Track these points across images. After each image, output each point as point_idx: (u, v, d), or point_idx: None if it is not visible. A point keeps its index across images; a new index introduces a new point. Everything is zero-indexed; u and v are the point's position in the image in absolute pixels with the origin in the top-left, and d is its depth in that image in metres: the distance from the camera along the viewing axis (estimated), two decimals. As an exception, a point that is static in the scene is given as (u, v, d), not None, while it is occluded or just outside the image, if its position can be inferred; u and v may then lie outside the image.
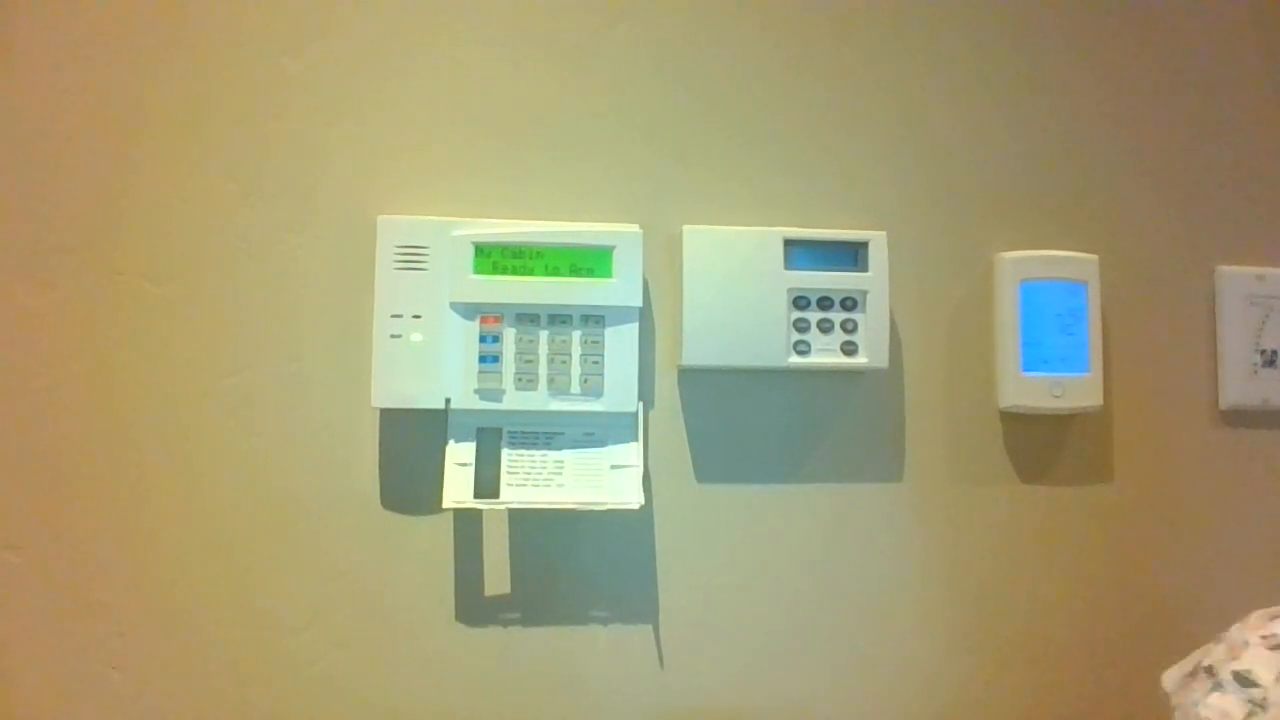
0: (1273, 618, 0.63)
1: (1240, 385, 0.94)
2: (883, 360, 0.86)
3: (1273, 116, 0.97)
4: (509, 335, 0.81)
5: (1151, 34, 0.96)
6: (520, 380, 0.81)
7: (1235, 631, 0.65)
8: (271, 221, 0.83)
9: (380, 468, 0.83)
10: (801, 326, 0.85)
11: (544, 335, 0.82)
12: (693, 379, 0.87)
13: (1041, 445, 0.91)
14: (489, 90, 0.86)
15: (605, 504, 0.80)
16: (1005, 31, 0.93)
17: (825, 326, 0.85)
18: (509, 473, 0.81)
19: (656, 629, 0.85)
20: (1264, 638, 0.62)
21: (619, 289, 0.82)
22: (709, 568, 0.86)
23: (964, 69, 0.92)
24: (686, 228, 0.85)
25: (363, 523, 0.82)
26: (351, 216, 0.83)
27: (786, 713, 0.87)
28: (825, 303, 0.85)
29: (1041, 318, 0.89)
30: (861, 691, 0.87)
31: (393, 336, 0.80)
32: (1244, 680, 0.58)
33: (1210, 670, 0.62)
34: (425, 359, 0.80)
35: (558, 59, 0.87)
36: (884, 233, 0.86)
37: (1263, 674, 0.58)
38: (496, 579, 0.84)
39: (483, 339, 0.81)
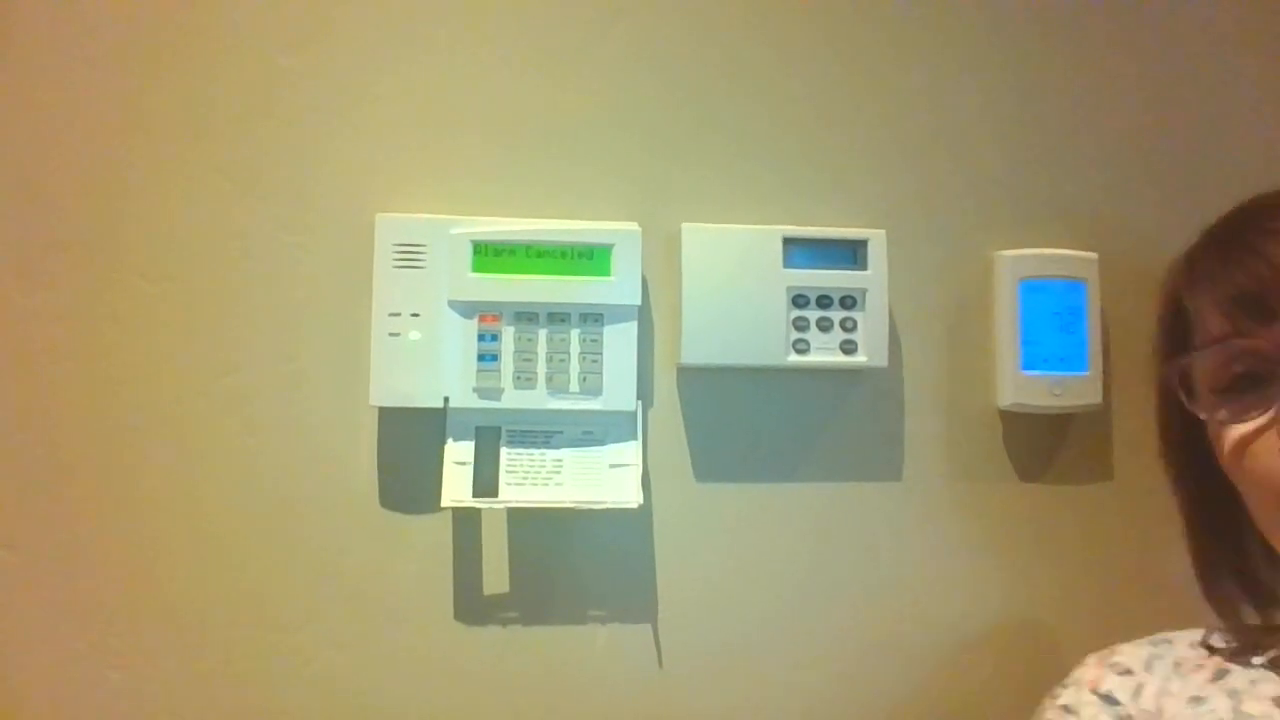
0: (1112, 652, 0.69)
1: (1240, 384, 0.93)
2: (882, 359, 0.85)
3: (1273, 116, 0.97)
4: (507, 334, 0.81)
5: (1151, 32, 0.95)
6: (519, 379, 0.81)
7: (1079, 673, 0.69)
8: (269, 220, 0.83)
9: (378, 466, 0.83)
10: (800, 325, 0.85)
11: (542, 334, 0.81)
12: (692, 377, 0.87)
13: (1041, 444, 0.91)
14: (487, 88, 0.86)
15: (604, 503, 0.80)
16: (1004, 30, 0.93)
17: (824, 325, 0.85)
18: (508, 471, 0.81)
19: (655, 628, 0.85)
20: (1110, 665, 0.67)
21: (618, 287, 0.82)
22: (708, 567, 0.86)
23: (963, 69, 0.92)
24: (685, 226, 0.85)
25: (361, 522, 0.82)
26: (349, 215, 0.83)
27: (785, 712, 0.86)
28: (824, 301, 0.85)
29: (1041, 316, 0.89)
30: (861, 690, 0.87)
31: (391, 335, 0.80)
32: (1109, 699, 0.65)
33: (1068, 709, 0.67)
34: (424, 357, 0.80)
35: (556, 57, 0.87)
36: (883, 231, 0.86)
37: (1121, 695, 0.65)
38: (495, 578, 0.84)
39: (481, 337, 0.81)
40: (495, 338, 0.81)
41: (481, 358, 0.81)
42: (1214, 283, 0.60)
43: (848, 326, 0.85)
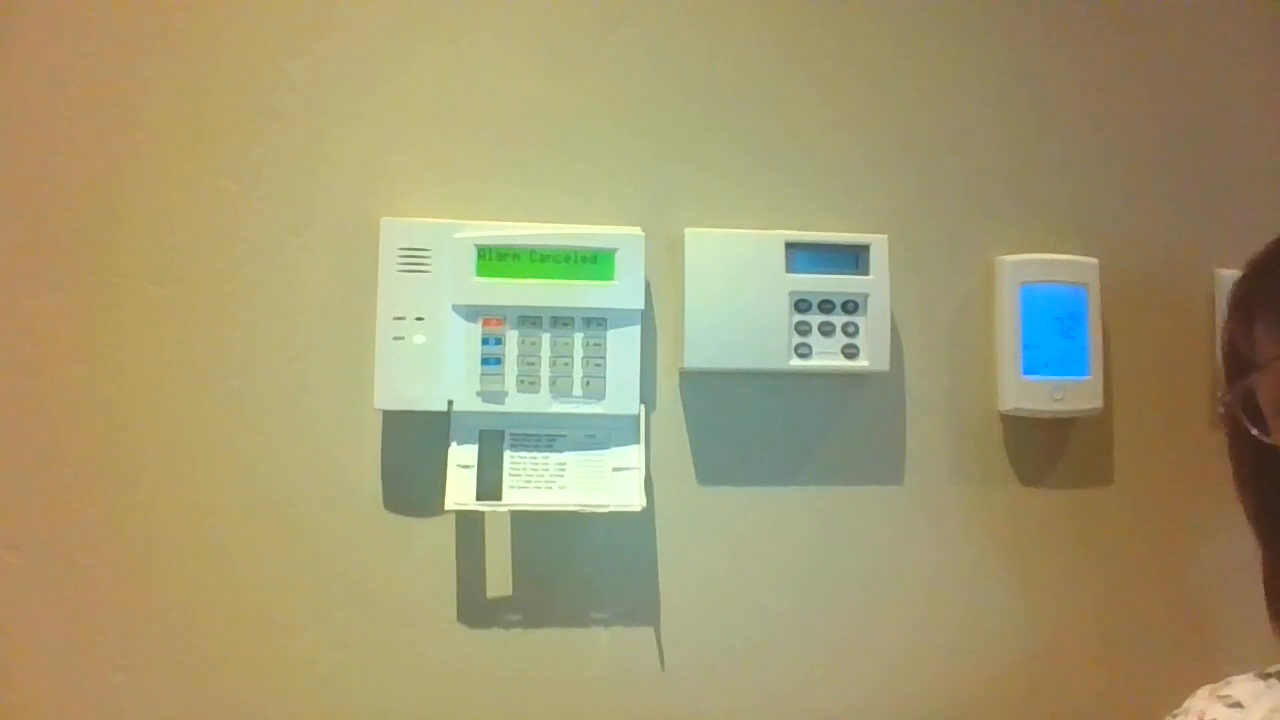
0: (1225, 684, 0.68)
1: (1239, 389, 0.94)
2: (884, 363, 0.86)
3: (1272, 118, 0.97)
4: (511, 337, 0.81)
5: (1151, 37, 0.96)
6: (522, 382, 0.81)
7: (1190, 703, 0.69)
8: (274, 223, 0.83)
9: (382, 470, 0.83)
10: (803, 329, 0.85)
11: (546, 338, 0.82)
12: (694, 381, 0.87)
13: (1042, 448, 0.92)
14: (492, 93, 0.86)
15: (607, 506, 0.80)
16: (1005, 37, 0.93)
17: (826, 329, 0.85)
18: (511, 475, 0.81)
19: (658, 631, 0.85)
20: (1220, 697, 0.67)
21: (621, 292, 0.82)
22: (710, 570, 0.86)
23: (964, 74, 0.92)
24: (688, 230, 0.85)
25: (365, 524, 0.82)
26: (354, 218, 0.83)
27: (787, 714, 0.87)
28: (826, 306, 0.85)
29: (1042, 321, 0.89)
30: (862, 694, 0.88)
31: (395, 338, 0.80)
32: None
33: None
34: (428, 361, 0.80)
35: (560, 62, 0.87)
36: (885, 236, 0.87)
37: None
38: (498, 581, 0.84)
39: (485, 341, 0.81)
40: (499, 341, 0.81)
41: (485, 361, 0.81)
42: (1265, 309, 0.61)
43: (850, 331, 0.86)
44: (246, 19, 0.83)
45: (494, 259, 0.81)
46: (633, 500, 0.81)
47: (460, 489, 0.80)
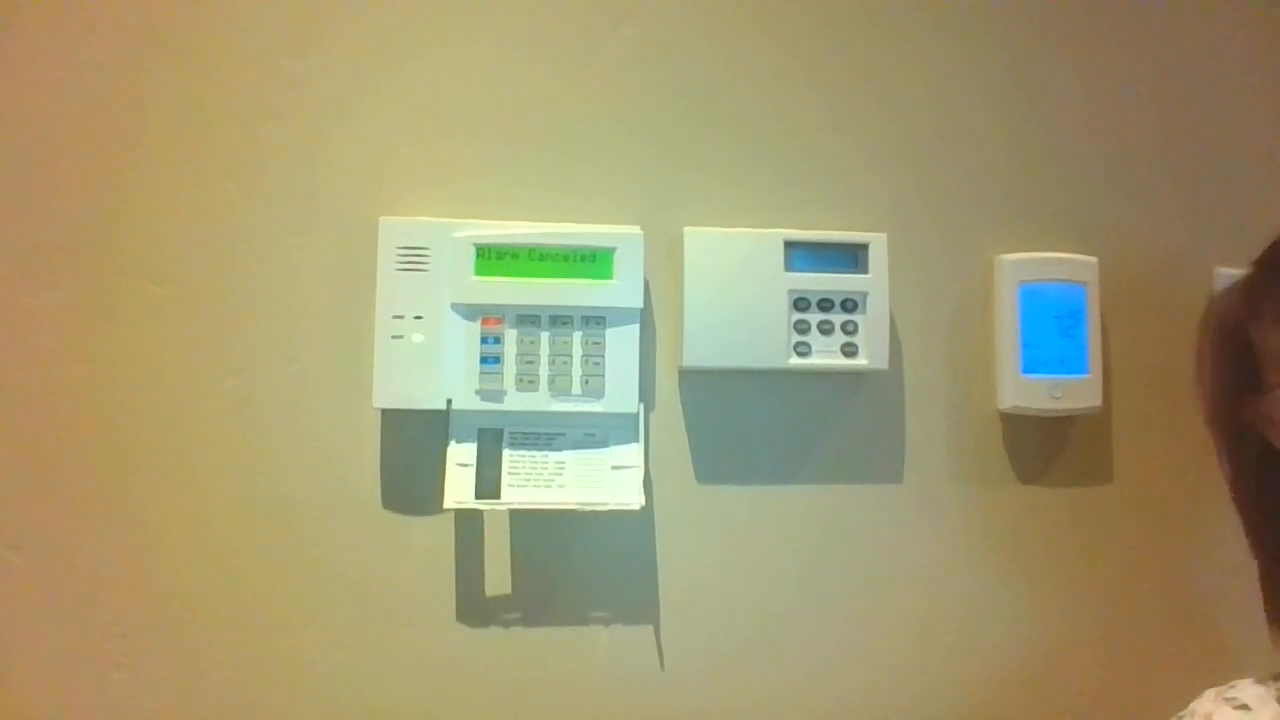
0: (1230, 687, 0.68)
1: (1239, 387, 0.94)
2: (883, 362, 0.86)
3: (1272, 117, 0.97)
4: (510, 336, 0.81)
5: (1150, 36, 0.96)
6: (521, 381, 0.81)
7: (1196, 705, 0.68)
8: (273, 222, 0.83)
9: (381, 468, 0.83)
10: (802, 328, 0.85)
11: (545, 336, 0.82)
12: (693, 380, 0.87)
13: (1041, 447, 0.91)
14: (491, 92, 0.86)
15: (606, 505, 0.80)
16: (1005, 36, 0.93)
17: (825, 328, 0.85)
18: (510, 473, 0.81)
19: (657, 629, 0.85)
20: (1227, 699, 0.66)
21: (620, 290, 0.82)
22: (709, 568, 0.86)
23: (964, 73, 0.93)
24: (687, 229, 0.85)
25: (364, 523, 0.82)
26: (353, 218, 0.83)
27: (786, 713, 0.87)
28: (825, 304, 0.85)
29: (1041, 319, 0.89)
30: (862, 692, 0.88)
31: (394, 337, 0.80)
32: None
33: None
34: (426, 360, 0.80)
35: (560, 60, 0.87)
36: (884, 235, 0.87)
37: None
38: (497, 579, 0.84)
39: (484, 340, 0.81)
40: (498, 340, 0.81)
41: (484, 360, 0.81)
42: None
43: (849, 329, 0.86)
44: (246, 19, 0.83)
45: (493, 258, 0.81)
46: (632, 499, 0.81)
47: (459, 487, 0.80)
